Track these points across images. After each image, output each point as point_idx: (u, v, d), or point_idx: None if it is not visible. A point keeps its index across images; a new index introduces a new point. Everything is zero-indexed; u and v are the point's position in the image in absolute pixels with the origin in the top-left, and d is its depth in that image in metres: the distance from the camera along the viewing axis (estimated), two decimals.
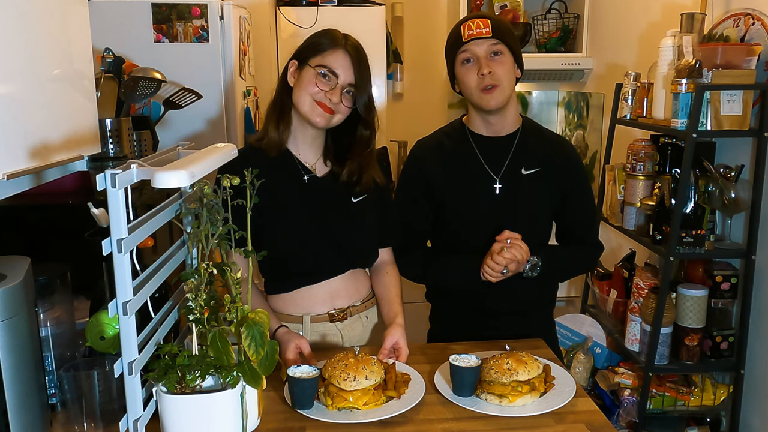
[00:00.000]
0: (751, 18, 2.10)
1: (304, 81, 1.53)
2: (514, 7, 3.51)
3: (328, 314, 1.62)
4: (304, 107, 1.53)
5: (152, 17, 2.32)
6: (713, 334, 2.17)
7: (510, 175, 1.72)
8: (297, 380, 1.28)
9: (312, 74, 1.51)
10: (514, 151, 1.74)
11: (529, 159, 1.74)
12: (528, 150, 1.74)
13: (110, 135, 1.59)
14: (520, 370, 1.34)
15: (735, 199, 2.09)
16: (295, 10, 3.30)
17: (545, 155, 1.75)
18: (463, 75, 1.68)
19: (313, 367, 1.33)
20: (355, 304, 1.66)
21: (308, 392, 1.29)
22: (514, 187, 1.72)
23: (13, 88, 1.01)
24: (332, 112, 1.53)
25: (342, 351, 1.40)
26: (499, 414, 1.30)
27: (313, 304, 1.62)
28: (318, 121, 1.53)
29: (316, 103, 1.52)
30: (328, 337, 1.63)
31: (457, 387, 1.37)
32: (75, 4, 1.25)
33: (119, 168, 0.98)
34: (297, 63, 1.56)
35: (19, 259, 1.08)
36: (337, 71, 1.51)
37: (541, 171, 1.73)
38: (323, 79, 1.51)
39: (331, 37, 1.54)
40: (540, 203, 1.76)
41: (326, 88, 1.51)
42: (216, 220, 1.16)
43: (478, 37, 1.64)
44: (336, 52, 1.51)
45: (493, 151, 1.74)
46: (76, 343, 1.30)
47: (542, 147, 1.77)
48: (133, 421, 1.04)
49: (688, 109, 2.04)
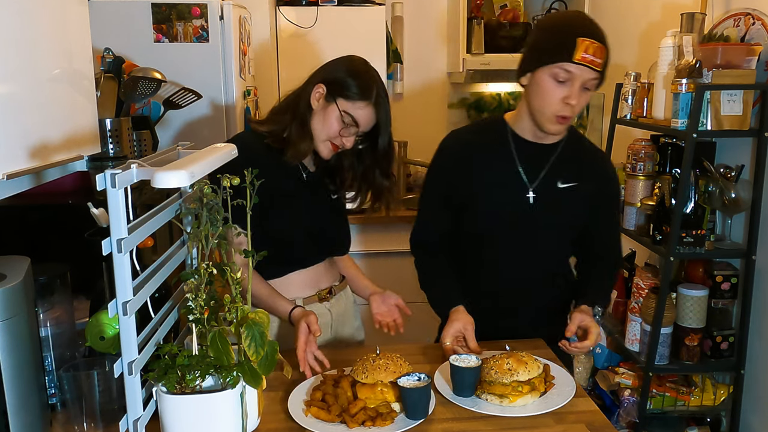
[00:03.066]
0: (751, 18, 2.10)
1: (328, 118, 1.59)
2: (514, 7, 3.52)
3: (317, 295, 1.73)
4: (318, 141, 1.62)
5: (152, 17, 2.32)
6: (713, 334, 2.17)
7: (545, 186, 1.64)
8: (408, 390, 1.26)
9: (337, 117, 1.58)
10: (554, 161, 1.65)
11: (567, 172, 1.65)
12: (568, 162, 1.66)
13: (110, 135, 1.59)
14: (520, 370, 1.34)
15: (735, 199, 2.09)
16: (295, 10, 3.30)
17: (584, 170, 1.67)
18: (548, 89, 1.51)
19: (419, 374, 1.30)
20: (335, 284, 1.79)
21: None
22: (548, 199, 1.64)
23: (13, 88, 1.01)
24: (338, 149, 1.64)
25: (363, 354, 1.38)
26: (500, 414, 1.30)
27: (301, 287, 1.72)
28: (325, 155, 1.65)
29: (330, 142, 1.61)
30: (321, 317, 1.66)
31: (458, 387, 1.37)
32: (75, 4, 1.25)
33: (119, 168, 0.98)
34: (325, 92, 1.60)
35: (19, 259, 1.08)
36: (360, 123, 1.59)
37: (578, 186, 1.65)
38: (346, 127, 1.59)
39: (365, 86, 1.57)
40: (574, 219, 1.70)
41: (346, 134, 1.60)
42: (216, 220, 1.16)
43: (590, 66, 1.47)
44: (367, 107, 1.58)
45: (533, 158, 1.65)
46: (76, 343, 1.30)
47: (582, 160, 1.69)
48: (133, 421, 1.04)
49: (689, 109, 2.04)
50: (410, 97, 3.84)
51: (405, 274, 1.82)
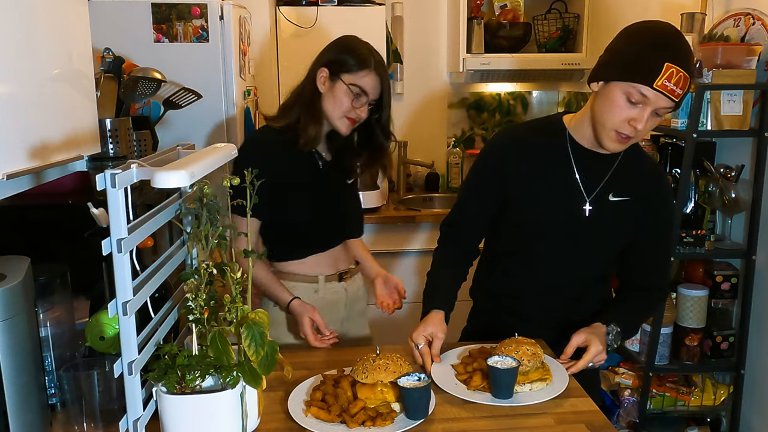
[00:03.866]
0: (751, 18, 2.10)
1: (337, 96, 1.71)
2: (514, 7, 3.52)
3: (338, 274, 1.89)
4: (334, 119, 1.73)
5: (152, 17, 2.32)
6: (713, 334, 2.17)
7: (600, 198, 1.56)
8: (408, 390, 1.25)
9: (345, 91, 1.70)
10: (612, 174, 1.57)
11: (621, 185, 1.57)
12: (624, 175, 1.57)
13: (110, 135, 1.59)
14: (539, 351, 1.42)
15: (735, 199, 2.09)
16: (295, 10, 3.30)
17: (639, 185, 1.58)
18: (617, 105, 1.42)
19: (419, 374, 1.30)
20: (352, 267, 1.96)
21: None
22: (601, 213, 1.56)
23: (13, 88, 1.01)
24: (355, 123, 1.75)
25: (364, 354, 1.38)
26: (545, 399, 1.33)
27: (323, 267, 1.87)
28: (344, 131, 1.75)
29: (345, 117, 1.72)
30: (337, 294, 1.90)
31: (500, 390, 1.34)
32: (75, 4, 1.25)
33: (119, 168, 0.98)
34: (328, 73, 1.72)
35: (19, 259, 1.08)
36: (367, 90, 1.70)
37: (630, 201, 1.57)
38: (356, 98, 1.70)
39: (362, 56, 1.70)
40: (619, 236, 1.61)
41: (358, 105, 1.71)
42: (216, 220, 1.16)
43: (669, 96, 1.37)
44: (369, 74, 1.69)
45: (591, 167, 1.57)
46: (76, 343, 1.30)
47: (639, 175, 1.59)
48: (133, 421, 1.04)
49: (689, 109, 2.04)
50: (410, 97, 3.84)
51: (405, 274, 1.83)
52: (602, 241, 1.61)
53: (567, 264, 1.63)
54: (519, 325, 1.55)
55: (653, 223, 1.60)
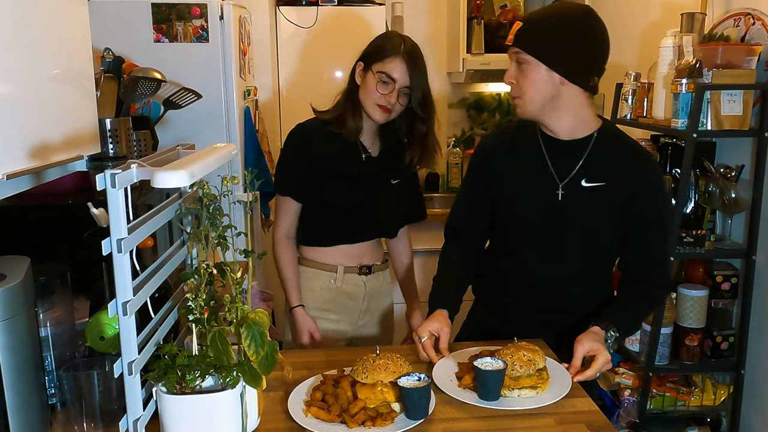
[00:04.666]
0: (751, 18, 2.10)
1: (368, 85, 1.82)
2: (514, 7, 3.52)
3: (358, 267, 1.97)
4: (367, 107, 1.83)
5: (152, 17, 2.32)
6: (713, 334, 2.17)
7: (572, 184, 1.59)
8: (409, 390, 1.25)
9: (374, 80, 1.80)
10: (585, 160, 1.58)
11: (594, 171, 1.58)
12: (599, 161, 1.58)
13: (110, 135, 1.59)
14: (537, 359, 1.38)
15: (735, 199, 2.09)
16: (295, 10, 3.30)
17: (615, 169, 1.58)
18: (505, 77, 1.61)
19: (419, 374, 1.30)
20: (377, 263, 2.02)
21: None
22: (573, 198, 1.59)
23: (13, 88, 1.01)
24: (389, 111, 1.82)
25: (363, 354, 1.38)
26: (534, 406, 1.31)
27: (345, 259, 1.96)
28: (378, 118, 1.84)
29: (376, 104, 1.80)
30: (356, 287, 1.98)
31: (487, 391, 1.34)
32: (75, 4, 1.25)
33: (119, 168, 0.98)
34: (363, 66, 1.84)
35: (19, 259, 1.08)
36: (394, 77, 1.78)
37: (605, 186, 1.57)
38: (383, 84, 1.79)
39: (391, 44, 1.80)
40: (598, 221, 1.60)
41: (385, 92, 1.79)
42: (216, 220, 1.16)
43: (509, 44, 1.57)
44: (394, 60, 1.78)
45: (562, 155, 1.60)
46: (76, 343, 1.30)
47: (615, 161, 1.59)
48: (133, 422, 1.04)
49: (689, 109, 2.04)
50: None
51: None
52: (579, 229, 1.60)
53: (551, 256, 1.63)
54: (515, 324, 1.56)
55: (642, 211, 1.58)
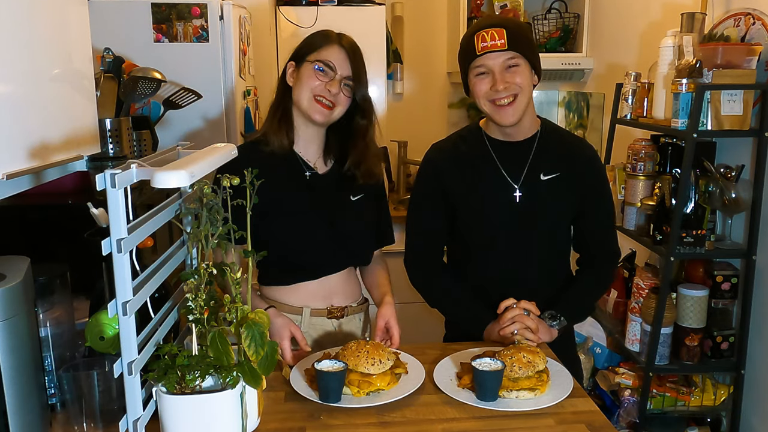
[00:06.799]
0: (751, 18, 2.10)
1: (303, 77, 1.58)
2: (514, 7, 3.51)
3: (327, 310, 1.65)
4: (304, 104, 1.58)
5: (152, 17, 2.32)
6: (714, 334, 2.17)
7: (529, 182, 1.66)
8: (324, 374, 1.30)
9: (310, 69, 1.57)
10: (533, 157, 1.67)
11: (548, 164, 1.66)
12: (547, 154, 1.67)
13: (110, 135, 1.59)
14: (537, 360, 1.38)
15: (735, 199, 2.09)
16: (295, 10, 3.30)
17: (565, 159, 1.68)
18: (477, 86, 1.61)
19: (336, 360, 1.35)
20: (352, 305, 1.70)
21: (334, 385, 1.32)
22: (533, 194, 1.65)
23: (13, 88, 1.01)
24: (331, 108, 1.57)
25: (354, 341, 1.41)
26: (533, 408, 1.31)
27: (311, 299, 1.65)
28: (317, 118, 1.58)
29: (315, 99, 1.56)
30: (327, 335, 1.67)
31: (485, 392, 1.34)
32: (75, 4, 1.25)
33: (119, 168, 0.98)
34: (294, 63, 1.62)
35: (19, 259, 1.08)
36: (333, 64, 1.56)
37: (561, 176, 1.66)
38: (321, 73, 1.56)
39: (324, 34, 1.61)
40: (561, 210, 1.70)
41: (325, 80, 1.56)
42: (216, 220, 1.16)
43: (493, 50, 1.56)
44: (331, 47, 1.58)
45: (512, 157, 1.67)
46: (75, 343, 1.30)
47: (562, 150, 1.69)
48: (133, 422, 1.04)
49: (689, 109, 2.03)
50: (410, 97, 3.84)
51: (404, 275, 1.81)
52: (548, 220, 1.68)
53: (522, 254, 1.68)
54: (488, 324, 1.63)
55: (591, 189, 1.70)
